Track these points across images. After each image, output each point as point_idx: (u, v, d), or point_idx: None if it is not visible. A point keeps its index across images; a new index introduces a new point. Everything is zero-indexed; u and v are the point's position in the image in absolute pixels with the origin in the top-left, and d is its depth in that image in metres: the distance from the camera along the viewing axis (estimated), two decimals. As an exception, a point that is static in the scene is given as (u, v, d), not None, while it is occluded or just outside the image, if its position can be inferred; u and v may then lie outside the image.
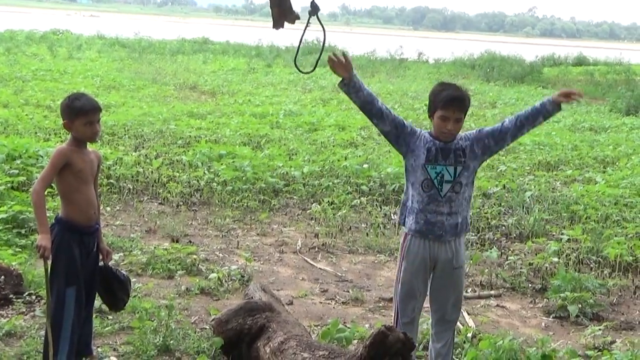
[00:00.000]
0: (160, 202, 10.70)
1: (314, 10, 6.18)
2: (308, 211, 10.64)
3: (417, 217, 5.28)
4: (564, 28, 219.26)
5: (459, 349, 6.23)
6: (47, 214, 5.04)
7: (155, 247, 8.29)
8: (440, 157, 5.24)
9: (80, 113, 5.05)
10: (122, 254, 8.11)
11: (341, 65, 5.30)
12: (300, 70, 6.61)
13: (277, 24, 6.40)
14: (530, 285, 8.26)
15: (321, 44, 6.48)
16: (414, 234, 5.30)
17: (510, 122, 5.44)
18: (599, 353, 6.29)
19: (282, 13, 6.32)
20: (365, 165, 12.48)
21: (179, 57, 36.11)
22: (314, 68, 6.95)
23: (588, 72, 39.13)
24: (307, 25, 6.22)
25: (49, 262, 5.01)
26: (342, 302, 7.52)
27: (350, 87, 5.30)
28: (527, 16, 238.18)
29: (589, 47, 76.04)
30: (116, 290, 5.44)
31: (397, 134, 5.34)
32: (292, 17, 6.37)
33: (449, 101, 5.20)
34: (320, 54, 6.84)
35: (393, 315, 5.54)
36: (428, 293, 5.47)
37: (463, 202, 5.34)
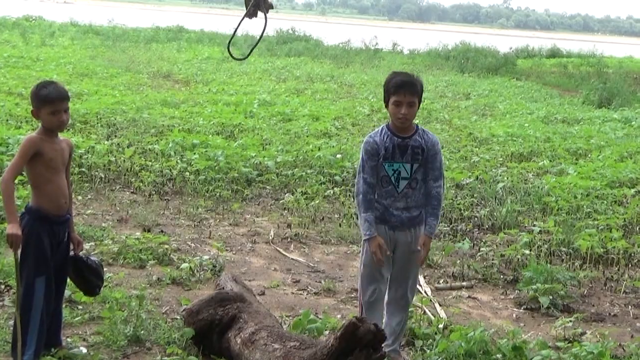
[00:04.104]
0: (132, 191, 10.64)
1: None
2: (281, 201, 10.62)
3: (377, 206, 5.55)
4: (538, 20, 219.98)
5: (430, 340, 6.24)
6: (18, 203, 5.00)
7: (126, 237, 8.23)
8: (398, 154, 5.47)
9: (46, 101, 5.01)
10: (93, 243, 8.05)
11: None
12: (232, 56, 6.83)
13: (251, 14, 6.39)
14: (501, 276, 8.29)
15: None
16: (375, 219, 5.55)
17: (427, 194, 5.62)
18: (569, 344, 6.33)
19: (255, 2, 6.31)
20: (339, 156, 12.48)
21: (153, 45, 35.86)
22: (247, 56, 7.16)
23: (561, 64, 39.27)
24: (244, 16, 6.35)
25: (19, 252, 4.97)
26: (314, 293, 7.52)
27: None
28: (501, 8, 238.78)
29: (562, 39, 76.28)
30: (89, 277, 5.42)
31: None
32: (266, 7, 6.36)
33: (400, 86, 5.40)
34: (257, 43, 6.95)
35: (358, 296, 5.81)
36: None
37: (420, 197, 5.58)
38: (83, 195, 10.09)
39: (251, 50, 6.94)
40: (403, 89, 5.37)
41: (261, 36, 6.90)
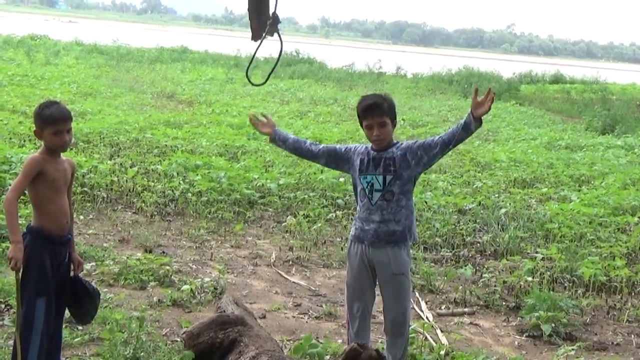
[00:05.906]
0: (134, 211, 10.61)
1: (275, 22, 6.29)
2: (283, 224, 10.59)
3: (356, 224, 5.64)
4: (542, 46, 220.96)
5: (432, 366, 6.21)
6: (20, 222, 4.97)
7: (127, 257, 8.21)
8: (372, 166, 5.54)
9: (49, 122, 4.98)
10: (94, 263, 8.02)
11: (263, 124, 5.91)
12: (251, 82, 6.83)
13: (256, 36, 6.39)
14: (504, 303, 8.25)
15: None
16: (353, 239, 5.64)
17: (440, 136, 5.59)
18: (572, 373, 6.29)
19: (260, 25, 6.31)
20: (341, 179, 12.45)
21: (157, 65, 36.01)
22: (266, 81, 7.14)
23: (565, 90, 39.40)
24: (263, 37, 6.34)
25: (20, 273, 4.94)
26: (315, 317, 7.48)
27: (276, 140, 5.87)
28: (505, 33, 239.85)
29: (566, 65, 76.58)
30: (84, 302, 5.35)
31: (334, 160, 5.82)
32: (271, 29, 6.36)
33: (367, 109, 5.50)
34: (275, 67, 6.96)
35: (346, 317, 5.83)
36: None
37: (401, 210, 5.50)
38: (85, 215, 10.07)
39: (269, 76, 6.96)
40: (371, 112, 5.45)
41: (278, 58, 6.94)
